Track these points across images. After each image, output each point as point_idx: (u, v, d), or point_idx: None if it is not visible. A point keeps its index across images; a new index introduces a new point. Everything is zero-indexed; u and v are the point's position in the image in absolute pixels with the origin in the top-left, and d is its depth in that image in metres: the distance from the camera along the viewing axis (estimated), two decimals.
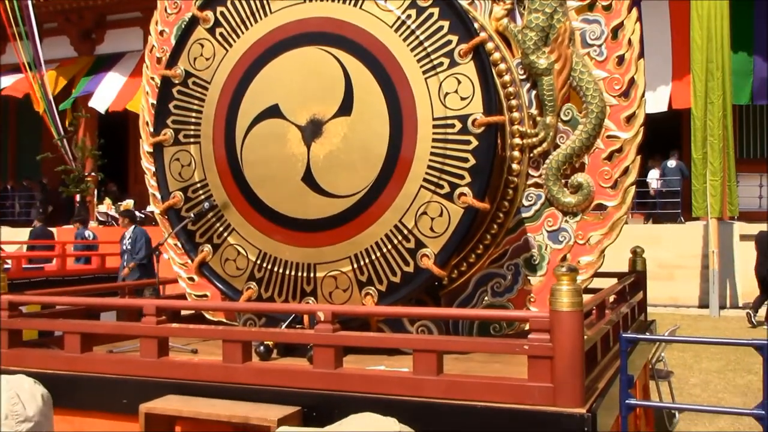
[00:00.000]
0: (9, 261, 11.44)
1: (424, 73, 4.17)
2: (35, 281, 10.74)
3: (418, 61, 4.19)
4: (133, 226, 11.29)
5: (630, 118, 4.36)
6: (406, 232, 4.17)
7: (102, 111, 19.38)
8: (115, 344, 4.52)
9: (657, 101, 14.25)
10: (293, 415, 3.46)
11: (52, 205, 21.29)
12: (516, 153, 4.45)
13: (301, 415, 3.51)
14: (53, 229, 16.23)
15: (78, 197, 18.69)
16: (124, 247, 11.09)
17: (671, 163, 16.09)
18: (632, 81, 4.36)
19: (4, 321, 4.29)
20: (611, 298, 4.75)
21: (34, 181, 22.98)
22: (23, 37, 18.31)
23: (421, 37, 4.19)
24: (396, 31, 4.24)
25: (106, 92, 19.53)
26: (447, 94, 4.12)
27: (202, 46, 4.74)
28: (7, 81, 20.51)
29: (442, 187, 4.09)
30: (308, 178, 4.37)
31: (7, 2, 17.74)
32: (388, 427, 1.57)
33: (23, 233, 18.65)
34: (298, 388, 3.62)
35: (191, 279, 5.12)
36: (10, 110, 21.38)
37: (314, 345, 3.69)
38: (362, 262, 4.27)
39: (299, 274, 4.42)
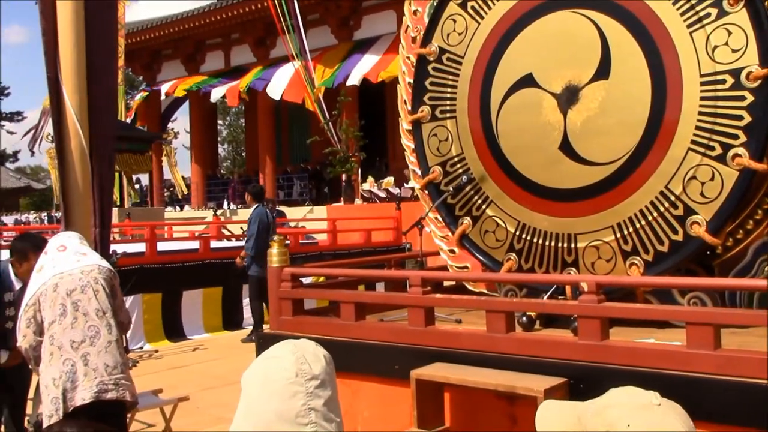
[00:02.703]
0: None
1: (688, 27, 3.88)
2: (311, 255, 11.72)
3: (682, 14, 3.90)
4: (255, 205, 9.47)
5: None
6: (673, 198, 3.94)
7: (357, 83, 20.71)
8: (385, 313, 4.79)
9: None
10: (559, 386, 3.43)
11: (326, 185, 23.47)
12: None
13: (567, 386, 3.48)
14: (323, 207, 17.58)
15: (344, 177, 19.94)
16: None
17: None
18: None
19: (288, 291, 4.73)
20: None
21: (306, 164, 25.15)
22: (290, 31, 19.83)
23: None
24: None
25: (360, 70, 20.77)
26: (716, 47, 3.80)
27: (455, 21, 4.81)
28: (278, 80, 22.44)
29: (712, 148, 3.80)
30: (565, 147, 4.28)
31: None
32: (649, 400, 1.51)
33: (301, 212, 20.48)
34: (562, 359, 3.58)
35: (452, 251, 5.25)
36: (282, 102, 23.28)
37: (578, 316, 3.63)
38: (626, 231, 4.10)
39: (559, 244, 4.36)
